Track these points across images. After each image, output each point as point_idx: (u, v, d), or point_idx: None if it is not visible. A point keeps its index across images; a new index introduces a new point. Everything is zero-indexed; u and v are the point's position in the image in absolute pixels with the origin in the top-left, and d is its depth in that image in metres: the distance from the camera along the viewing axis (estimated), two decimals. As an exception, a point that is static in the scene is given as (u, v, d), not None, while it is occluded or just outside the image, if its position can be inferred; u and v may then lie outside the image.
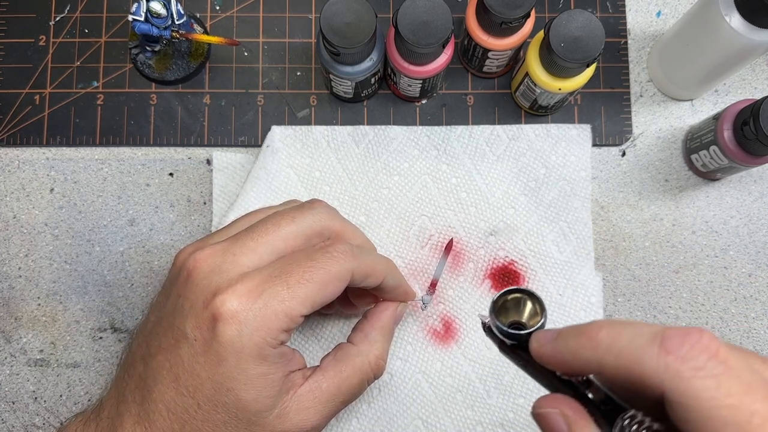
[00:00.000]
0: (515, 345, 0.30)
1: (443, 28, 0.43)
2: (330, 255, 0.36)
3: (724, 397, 0.21)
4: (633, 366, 0.23)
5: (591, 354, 0.24)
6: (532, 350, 0.28)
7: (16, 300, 0.50)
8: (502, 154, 0.50)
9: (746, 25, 0.42)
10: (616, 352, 0.24)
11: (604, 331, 0.24)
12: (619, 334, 0.24)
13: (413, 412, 0.47)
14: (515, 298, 0.30)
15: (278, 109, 0.52)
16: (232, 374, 0.34)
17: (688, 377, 0.22)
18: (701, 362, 0.22)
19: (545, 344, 0.27)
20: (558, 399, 0.26)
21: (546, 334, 0.27)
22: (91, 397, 0.49)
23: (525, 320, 0.29)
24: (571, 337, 0.26)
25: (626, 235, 0.51)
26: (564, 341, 0.26)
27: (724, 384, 0.22)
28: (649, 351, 0.23)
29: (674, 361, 0.22)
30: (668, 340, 0.23)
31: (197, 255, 0.36)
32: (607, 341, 0.24)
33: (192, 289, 0.35)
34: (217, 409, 0.34)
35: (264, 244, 0.36)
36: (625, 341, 0.24)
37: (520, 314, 0.30)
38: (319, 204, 0.40)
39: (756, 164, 0.46)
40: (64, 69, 0.52)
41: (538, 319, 0.29)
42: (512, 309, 0.30)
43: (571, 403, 0.26)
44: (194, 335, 0.34)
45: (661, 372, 0.22)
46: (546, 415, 0.26)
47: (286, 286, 0.34)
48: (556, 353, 0.26)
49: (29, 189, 0.51)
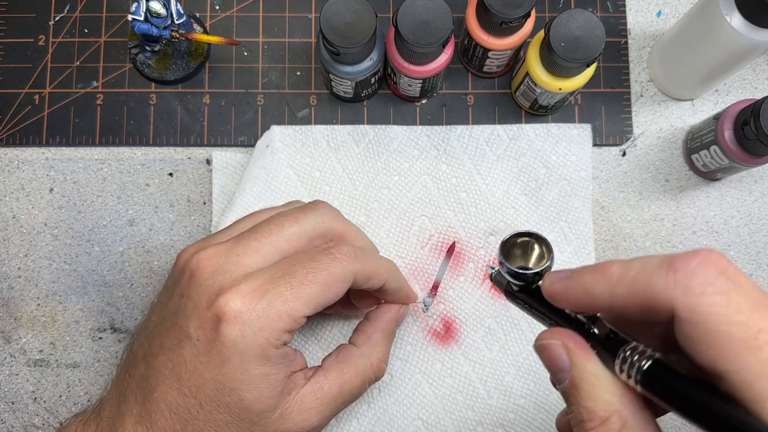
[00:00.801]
0: (523, 288, 0.30)
1: (443, 28, 0.43)
2: (333, 256, 0.36)
3: (733, 314, 0.21)
4: (643, 290, 0.23)
5: (603, 286, 0.25)
6: (544, 288, 0.28)
7: (16, 300, 0.50)
8: (503, 154, 0.50)
9: (747, 25, 0.42)
10: (627, 281, 0.24)
11: (616, 265, 0.25)
12: (630, 266, 0.24)
13: (413, 412, 0.47)
14: (523, 243, 0.30)
15: (278, 109, 0.52)
16: (235, 374, 0.34)
17: (698, 293, 0.22)
18: (710, 278, 0.22)
19: (558, 281, 0.27)
20: (561, 331, 0.27)
21: (559, 273, 0.28)
22: (91, 397, 0.49)
23: (532, 265, 0.30)
24: (585, 273, 0.26)
25: (627, 235, 0.51)
26: (578, 277, 0.26)
27: (733, 300, 0.22)
28: (659, 272, 0.23)
29: (683, 277, 0.22)
30: (678, 260, 0.23)
31: (200, 255, 0.36)
32: (618, 273, 0.24)
33: (195, 289, 0.35)
34: (219, 409, 0.34)
35: (267, 244, 0.36)
36: (636, 269, 0.24)
37: (527, 260, 0.30)
38: (323, 205, 0.40)
39: (756, 164, 0.46)
40: (64, 69, 0.52)
41: (544, 262, 0.30)
42: (519, 255, 0.30)
43: (573, 336, 0.26)
44: (197, 335, 0.34)
45: (671, 289, 0.22)
46: (547, 346, 0.26)
47: (289, 286, 0.34)
48: (568, 289, 0.26)
49: (29, 189, 0.51)
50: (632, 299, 0.24)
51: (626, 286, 0.24)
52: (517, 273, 0.30)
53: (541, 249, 0.30)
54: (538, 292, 0.29)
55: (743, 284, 0.22)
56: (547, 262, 0.30)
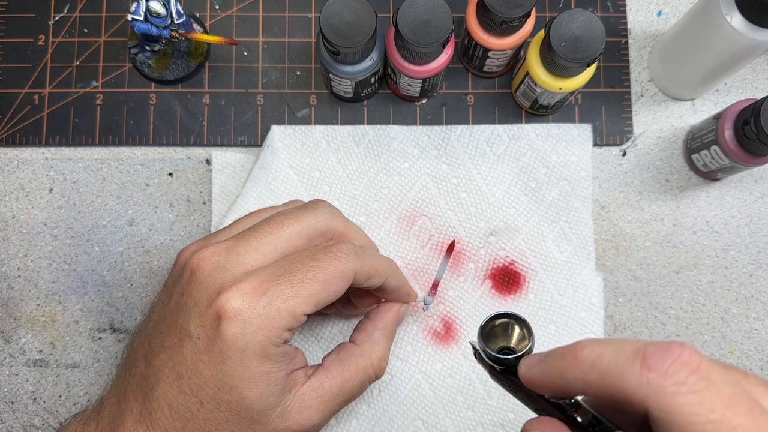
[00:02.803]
0: (504, 370, 0.30)
1: (443, 28, 0.43)
2: (333, 255, 0.36)
3: (707, 413, 0.21)
4: (616, 383, 0.23)
5: (576, 373, 0.24)
6: (521, 374, 0.28)
7: (15, 300, 0.50)
8: (503, 153, 0.50)
9: (747, 25, 0.41)
10: (599, 370, 0.24)
11: (587, 349, 0.24)
12: (602, 352, 0.24)
13: (413, 412, 0.47)
14: (503, 323, 0.30)
15: (278, 109, 0.52)
16: (236, 372, 0.34)
17: (671, 393, 0.22)
18: (682, 377, 0.22)
19: (532, 367, 0.27)
20: (546, 421, 0.26)
21: (533, 357, 0.27)
22: (91, 397, 0.49)
23: (514, 345, 0.30)
24: (556, 358, 0.26)
25: (627, 235, 0.51)
26: (550, 363, 0.26)
27: (706, 399, 0.22)
28: (632, 367, 0.23)
29: (656, 377, 0.22)
30: (650, 356, 0.23)
31: (201, 253, 0.36)
32: (590, 359, 0.24)
33: (196, 287, 0.35)
34: (219, 407, 0.34)
35: (268, 243, 0.36)
36: (608, 359, 0.24)
37: (509, 339, 0.30)
38: (323, 204, 0.40)
39: (757, 164, 0.45)
40: (64, 69, 0.52)
41: (526, 343, 0.29)
42: (501, 335, 0.30)
43: (558, 426, 0.26)
44: (198, 333, 0.34)
45: (644, 388, 0.22)
46: None
47: (290, 285, 0.34)
48: (543, 375, 0.26)
49: (28, 189, 0.51)
50: (605, 389, 0.24)
51: (599, 374, 0.24)
52: (498, 358, 0.29)
53: (522, 330, 0.30)
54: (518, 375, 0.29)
55: (716, 381, 0.22)
56: (528, 344, 0.29)
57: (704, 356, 0.22)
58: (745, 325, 0.50)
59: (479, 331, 0.30)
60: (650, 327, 0.50)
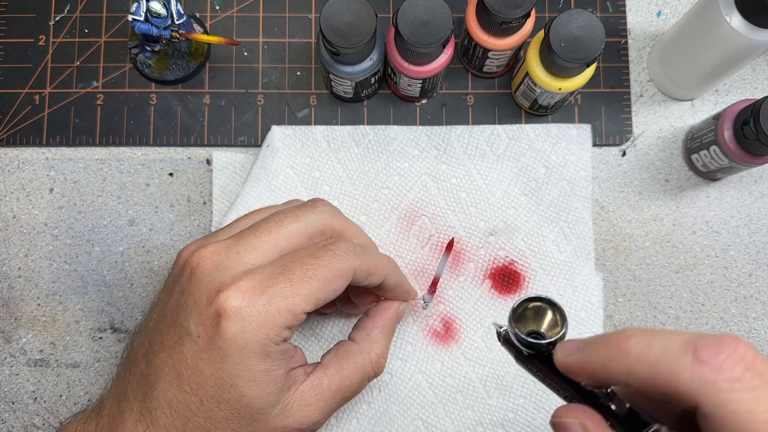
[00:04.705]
0: (533, 355, 0.29)
1: (443, 28, 0.43)
2: (333, 253, 0.36)
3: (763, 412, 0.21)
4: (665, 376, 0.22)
5: (620, 364, 0.24)
6: (557, 360, 0.27)
7: (16, 300, 0.50)
8: (503, 154, 0.50)
9: (747, 25, 0.42)
10: (647, 362, 0.23)
11: (633, 339, 0.24)
12: (649, 343, 0.23)
13: (413, 412, 0.47)
14: (535, 307, 0.29)
15: (278, 109, 0.52)
16: (236, 371, 0.34)
17: (725, 389, 0.21)
18: (737, 374, 0.21)
19: (571, 354, 0.26)
20: (579, 409, 0.26)
21: (571, 343, 0.27)
22: (91, 397, 0.49)
23: (544, 330, 0.29)
24: (599, 346, 0.25)
25: (626, 235, 0.51)
26: (592, 351, 0.25)
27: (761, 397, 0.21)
28: (683, 361, 0.22)
29: (709, 372, 0.22)
30: (702, 350, 0.22)
31: (201, 252, 0.36)
32: (637, 350, 0.23)
33: (195, 286, 0.35)
34: (219, 405, 0.34)
35: (267, 242, 0.36)
36: (657, 350, 0.23)
37: (539, 324, 0.29)
38: (322, 203, 0.40)
39: (756, 164, 0.46)
40: (64, 69, 0.52)
41: (558, 329, 0.28)
42: (531, 318, 0.29)
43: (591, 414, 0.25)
44: (197, 332, 0.34)
45: (695, 383, 0.22)
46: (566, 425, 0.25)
47: (289, 283, 0.34)
48: (583, 363, 0.26)
49: (29, 189, 0.51)
50: (652, 382, 0.23)
51: (646, 367, 0.23)
52: (530, 342, 0.28)
53: (555, 316, 0.29)
54: (549, 360, 0.28)
55: None
56: (561, 330, 0.28)
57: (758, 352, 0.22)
58: (744, 325, 0.50)
59: (510, 313, 0.29)
60: (650, 327, 0.50)
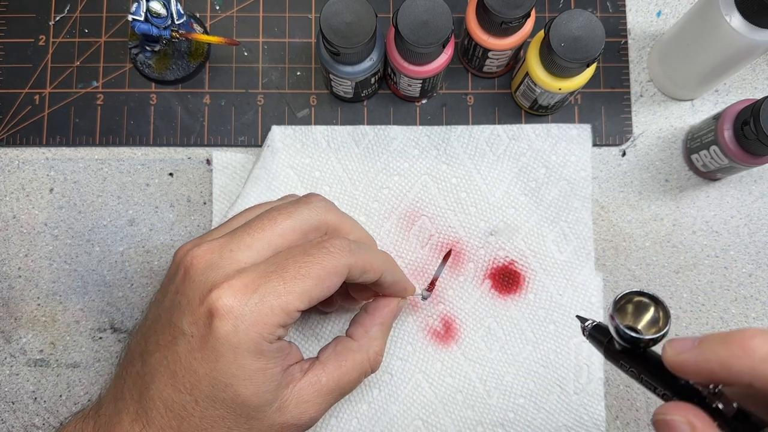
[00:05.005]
0: (627, 350, 0.28)
1: (443, 28, 0.43)
2: (327, 250, 0.36)
3: None
4: None
5: (743, 364, 0.23)
6: (668, 358, 0.26)
7: (16, 300, 0.50)
8: (502, 153, 0.50)
9: (746, 25, 0.42)
10: None
11: (758, 339, 0.23)
12: None
13: (413, 412, 0.47)
14: (637, 302, 0.28)
15: (278, 109, 0.52)
16: (230, 370, 0.34)
17: None
18: None
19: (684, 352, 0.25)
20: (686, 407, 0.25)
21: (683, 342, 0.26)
22: (91, 397, 0.49)
23: (641, 327, 0.28)
24: (719, 344, 0.24)
25: (626, 235, 0.51)
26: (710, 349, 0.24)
27: None
28: None
29: None
30: None
31: (194, 252, 0.36)
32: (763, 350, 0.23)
33: (189, 285, 0.35)
34: (215, 405, 0.34)
35: (260, 239, 0.36)
36: None
37: (637, 320, 0.28)
38: (316, 198, 0.40)
39: (756, 164, 0.46)
40: (64, 69, 0.52)
41: (659, 327, 0.28)
42: (630, 313, 0.28)
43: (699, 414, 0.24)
44: (191, 331, 0.34)
45: None
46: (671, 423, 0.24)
47: (282, 281, 0.34)
48: (699, 362, 0.25)
49: (29, 189, 0.51)
50: None
51: None
52: (632, 337, 0.28)
53: (657, 313, 0.28)
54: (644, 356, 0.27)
55: None
56: (665, 328, 0.28)
57: None
58: (744, 325, 0.50)
59: (613, 305, 0.28)
60: (650, 327, 0.50)
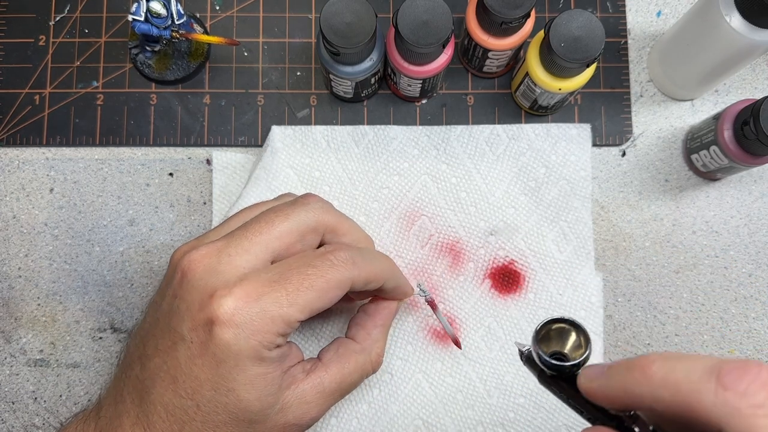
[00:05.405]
0: (556, 376, 0.29)
1: (443, 28, 0.43)
2: (331, 263, 0.36)
3: None
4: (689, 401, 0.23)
5: (644, 389, 0.24)
6: (581, 386, 0.27)
7: (16, 300, 0.50)
8: (502, 153, 0.50)
9: (746, 25, 0.42)
10: (671, 387, 0.23)
11: (657, 364, 0.24)
12: (673, 368, 0.23)
13: (414, 412, 0.47)
14: (558, 328, 0.30)
15: (278, 109, 0.52)
16: (231, 375, 0.34)
17: (748, 415, 0.21)
18: (761, 399, 0.21)
19: (595, 379, 0.26)
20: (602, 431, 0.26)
21: (594, 369, 0.27)
22: (91, 397, 0.49)
23: (567, 351, 0.29)
24: (622, 371, 0.25)
25: (626, 235, 0.51)
26: (615, 376, 0.25)
27: None
28: (707, 386, 0.22)
29: (733, 397, 0.22)
30: (726, 375, 0.22)
31: (192, 255, 0.35)
32: (660, 374, 0.24)
33: (188, 290, 0.35)
34: (217, 410, 0.34)
35: (258, 243, 0.36)
36: (680, 375, 0.23)
37: (563, 345, 0.29)
38: (313, 199, 0.39)
39: (756, 164, 0.46)
40: (64, 69, 0.52)
41: (582, 351, 0.29)
42: (554, 339, 0.29)
43: None
44: (191, 337, 0.34)
45: (719, 408, 0.22)
46: None
47: (285, 292, 0.34)
48: (607, 389, 0.26)
49: (29, 189, 0.51)
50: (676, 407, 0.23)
51: (670, 391, 0.23)
52: (554, 365, 0.29)
53: (579, 338, 0.29)
54: (573, 381, 0.28)
55: None
56: (585, 352, 0.29)
57: None
58: (744, 325, 0.50)
59: (534, 335, 0.29)
60: (649, 327, 0.50)
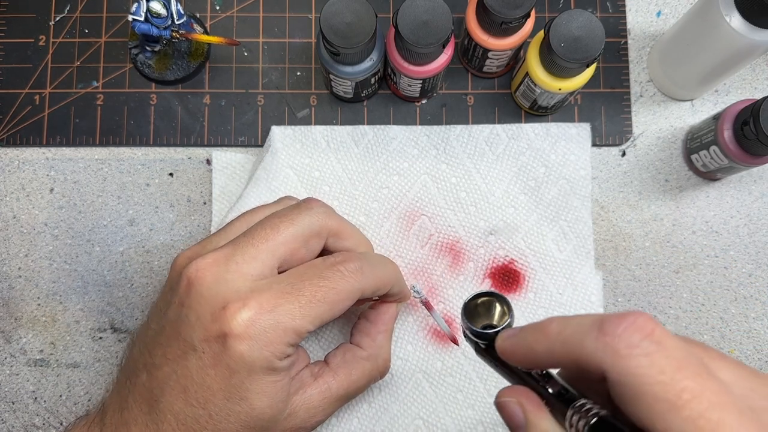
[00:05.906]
0: (488, 345, 0.31)
1: (443, 28, 0.43)
2: (341, 274, 0.36)
3: (656, 374, 0.22)
4: (576, 351, 0.24)
5: (544, 345, 0.26)
6: (497, 345, 0.29)
7: (16, 300, 0.50)
8: (502, 153, 0.50)
9: (746, 25, 0.42)
10: (562, 340, 0.25)
11: (555, 323, 0.26)
12: (567, 324, 0.25)
13: (414, 411, 0.47)
14: (485, 302, 0.32)
15: (278, 109, 0.52)
16: (244, 385, 0.34)
17: (624, 356, 0.23)
18: (635, 341, 0.23)
19: (507, 339, 0.29)
20: (517, 390, 0.28)
21: (509, 331, 0.29)
22: (91, 397, 0.49)
23: (496, 322, 0.31)
24: (529, 331, 0.27)
25: (626, 235, 0.51)
26: (523, 335, 0.27)
27: (656, 362, 0.22)
28: (590, 335, 0.24)
29: (611, 341, 0.23)
30: (607, 324, 0.24)
31: (199, 263, 0.35)
32: (556, 331, 0.26)
33: (197, 300, 0.35)
34: (229, 418, 0.34)
35: (264, 250, 0.36)
36: (571, 329, 0.25)
37: (491, 317, 0.31)
38: (316, 203, 0.40)
39: (756, 164, 0.46)
40: (64, 69, 0.52)
41: (506, 319, 0.31)
42: (483, 314, 0.31)
43: (528, 394, 0.27)
44: (203, 348, 0.34)
45: (600, 353, 0.23)
46: (505, 404, 0.27)
47: (298, 305, 0.35)
48: (515, 347, 0.28)
49: (29, 189, 0.51)
50: (567, 358, 0.25)
51: (561, 344, 0.25)
52: (480, 333, 0.31)
53: (502, 307, 0.31)
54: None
55: (668, 346, 0.23)
56: (508, 319, 0.31)
57: (660, 324, 0.24)
58: (744, 325, 0.50)
59: (462, 310, 0.31)
60: (650, 326, 0.50)
